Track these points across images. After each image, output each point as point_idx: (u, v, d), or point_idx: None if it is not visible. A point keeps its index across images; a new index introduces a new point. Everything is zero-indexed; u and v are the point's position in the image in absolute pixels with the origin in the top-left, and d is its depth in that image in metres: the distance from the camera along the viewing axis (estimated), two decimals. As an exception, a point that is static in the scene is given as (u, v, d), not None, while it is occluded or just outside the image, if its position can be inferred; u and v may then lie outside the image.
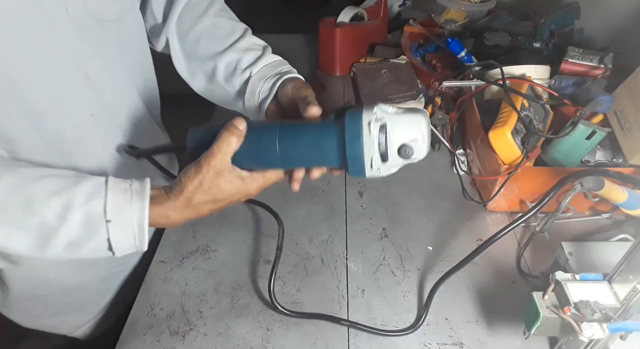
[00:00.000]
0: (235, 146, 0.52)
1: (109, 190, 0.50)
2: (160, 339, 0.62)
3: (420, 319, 0.64)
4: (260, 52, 0.69)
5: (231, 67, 0.68)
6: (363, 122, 0.48)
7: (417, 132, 0.48)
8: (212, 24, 0.71)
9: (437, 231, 0.77)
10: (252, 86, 0.67)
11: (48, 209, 0.47)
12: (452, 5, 1.19)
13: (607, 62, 0.86)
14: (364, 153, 0.48)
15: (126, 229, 0.50)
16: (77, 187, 0.49)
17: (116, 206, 0.49)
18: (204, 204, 0.53)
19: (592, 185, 0.58)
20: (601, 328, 0.46)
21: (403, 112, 0.49)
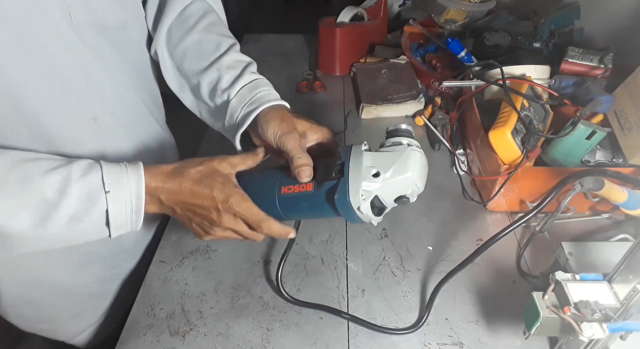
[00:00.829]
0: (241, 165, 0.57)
1: (104, 165, 0.52)
2: (160, 339, 0.62)
3: (422, 319, 0.64)
4: (239, 71, 0.66)
5: (212, 86, 0.66)
6: (354, 208, 0.50)
7: (409, 187, 0.51)
8: (198, 39, 0.68)
9: (437, 231, 0.77)
10: (231, 111, 0.64)
11: (47, 185, 0.48)
12: (452, 5, 1.19)
13: (607, 62, 0.86)
14: (363, 221, 0.53)
15: (124, 199, 0.51)
16: (72, 165, 0.50)
17: (113, 177, 0.51)
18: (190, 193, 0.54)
19: (592, 185, 0.58)
20: (601, 328, 0.46)
21: (392, 173, 0.50)
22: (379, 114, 1.03)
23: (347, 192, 0.50)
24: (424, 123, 0.98)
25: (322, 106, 1.09)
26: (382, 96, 1.05)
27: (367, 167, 0.51)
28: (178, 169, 0.54)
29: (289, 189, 0.55)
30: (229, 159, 0.57)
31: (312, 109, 1.07)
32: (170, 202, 0.54)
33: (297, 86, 1.13)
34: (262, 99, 0.63)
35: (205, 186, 0.53)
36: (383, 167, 0.50)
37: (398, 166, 0.50)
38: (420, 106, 1.03)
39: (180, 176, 0.54)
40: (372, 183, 0.50)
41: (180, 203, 0.54)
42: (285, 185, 0.55)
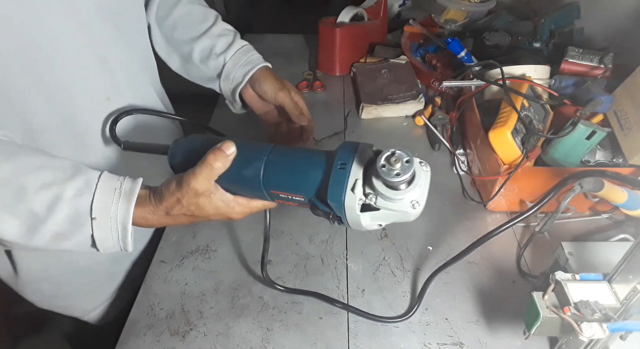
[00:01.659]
0: (218, 171, 0.50)
1: (99, 188, 0.50)
2: (160, 339, 0.62)
3: (413, 308, 0.65)
4: (232, 38, 0.77)
5: (206, 52, 0.76)
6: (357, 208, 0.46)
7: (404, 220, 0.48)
8: (186, 11, 0.78)
9: (437, 231, 0.77)
10: (227, 72, 0.75)
11: (39, 199, 0.48)
12: (452, 5, 1.19)
13: (607, 62, 0.86)
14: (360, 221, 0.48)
15: (109, 227, 0.50)
16: (69, 182, 0.50)
17: (102, 204, 0.50)
18: (182, 217, 0.53)
19: (592, 186, 0.58)
20: (601, 328, 0.46)
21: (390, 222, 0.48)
22: (379, 114, 1.03)
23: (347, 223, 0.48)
24: (424, 123, 0.98)
25: (322, 106, 1.09)
26: (382, 96, 1.05)
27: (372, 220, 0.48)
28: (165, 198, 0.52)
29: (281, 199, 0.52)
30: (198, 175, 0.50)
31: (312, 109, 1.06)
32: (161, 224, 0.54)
33: (297, 86, 1.13)
34: (255, 61, 0.75)
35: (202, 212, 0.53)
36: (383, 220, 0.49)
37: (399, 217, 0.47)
38: (420, 106, 1.03)
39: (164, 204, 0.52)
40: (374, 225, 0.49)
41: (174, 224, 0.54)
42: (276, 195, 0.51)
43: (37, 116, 0.59)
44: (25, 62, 0.54)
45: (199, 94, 0.82)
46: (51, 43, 0.55)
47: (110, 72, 0.64)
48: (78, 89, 0.60)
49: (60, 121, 0.61)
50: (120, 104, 0.67)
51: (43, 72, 0.56)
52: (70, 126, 0.62)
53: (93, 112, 0.64)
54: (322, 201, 0.48)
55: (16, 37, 0.52)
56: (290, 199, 0.51)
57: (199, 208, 0.52)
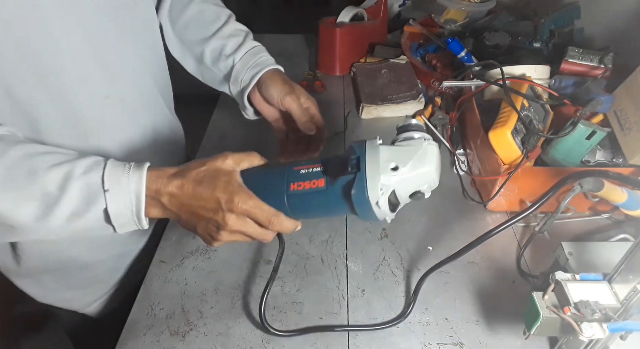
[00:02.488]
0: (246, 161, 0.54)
1: (109, 163, 0.51)
2: (160, 339, 0.62)
3: (408, 310, 0.65)
4: (242, 39, 0.75)
5: (216, 53, 0.75)
6: (372, 204, 0.49)
7: (426, 182, 0.50)
8: (198, 11, 0.77)
9: (437, 231, 0.77)
10: (236, 73, 0.73)
11: (50, 179, 0.49)
12: (452, 5, 1.19)
13: (607, 62, 0.86)
14: (377, 218, 0.51)
15: (123, 199, 0.50)
16: (78, 161, 0.51)
17: (114, 175, 0.50)
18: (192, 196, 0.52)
19: (592, 186, 0.58)
20: (601, 328, 0.46)
21: (411, 167, 0.49)
22: (379, 114, 1.03)
23: (365, 187, 0.48)
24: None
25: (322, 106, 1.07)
26: (382, 96, 1.05)
27: (385, 161, 0.49)
28: (181, 171, 0.53)
29: (299, 186, 0.52)
30: (232, 155, 0.54)
31: (312, 109, 1.07)
32: (173, 206, 0.52)
33: (297, 86, 1.13)
34: (265, 62, 0.73)
35: (208, 187, 0.51)
36: (401, 161, 0.49)
37: (416, 160, 0.49)
38: (420, 106, 1.03)
39: (181, 178, 0.52)
40: (391, 177, 0.49)
41: (183, 207, 0.52)
42: (295, 181, 0.52)
43: (43, 116, 0.59)
44: (29, 62, 0.54)
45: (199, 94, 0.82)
46: (52, 43, 0.55)
47: (109, 71, 0.63)
48: (79, 88, 0.60)
49: (64, 120, 0.61)
50: (119, 103, 0.66)
51: (46, 72, 0.56)
52: (73, 125, 0.62)
53: (94, 111, 0.63)
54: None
55: (19, 38, 0.52)
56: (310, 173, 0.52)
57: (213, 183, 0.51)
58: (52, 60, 0.56)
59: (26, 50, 0.53)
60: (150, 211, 0.53)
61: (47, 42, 0.54)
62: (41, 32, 0.53)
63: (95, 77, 0.62)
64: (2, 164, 0.48)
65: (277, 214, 0.53)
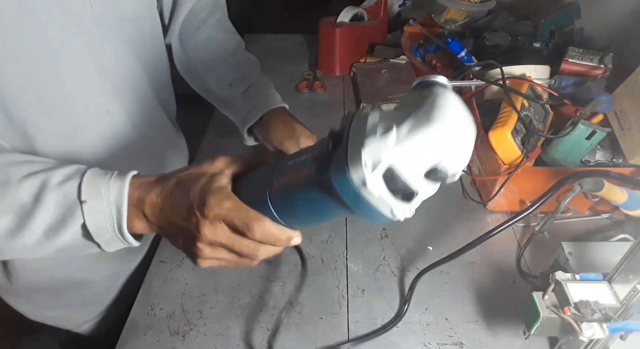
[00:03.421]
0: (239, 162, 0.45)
1: (88, 171, 0.45)
2: (160, 339, 0.62)
3: (404, 308, 0.65)
4: (247, 71, 0.77)
5: (222, 80, 0.76)
6: (357, 187, 0.33)
7: (441, 148, 0.33)
8: (208, 35, 0.78)
9: (437, 231, 0.77)
10: (239, 106, 0.75)
11: (24, 189, 0.44)
12: (452, 5, 1.19)
13: (607, 62, 0.86)
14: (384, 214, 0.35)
15: (102, 210, 0.43)
16: (56, 169, 0.45)
17: (92, 185, 0.44)
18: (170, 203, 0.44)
19: (592, 186, 0.58)
20: (601, 328, 0.46)
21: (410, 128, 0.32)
22: (379, 114, 1.03)
23: (345, 162, 0.32)
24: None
25: (322, 106, 1.09)
26: (382, 96, 1.05)
27: (372, 125, 0.33)
28: (164, 176, 0.46)
29: (282, 180, 0.40)
30: (225, 157, 0.46)
31: (312, 109, 1.07)
32: (154, 217, 0.44)
33: (297, 86, 1.13)
34: (269, 101, 0.73)
35: (183, 190, 0.43)
36: (398, 120, 0.32)
37: (422, 114, 0.32)
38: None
39: (162, 184, 0.44)
40: (380, 144, 0.32)
41: (163, 217, 0.44)
42: (279, 176, 0.40)
43: (38, 131, 0.56)
44: (26, 75, 0.52)
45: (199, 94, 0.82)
46: (51, 55, 0.53)
47: (111, 84, 0.62)
48: (78, 102, 0.58)
49: (60, 135, 0.58)
50: (121, 116, 0.64)
51: (43, 85, 0.54)
52: (71, 140, 0.60)
53: (92, 125, 0.61)
54: None
55: (16, 50, 0.50)
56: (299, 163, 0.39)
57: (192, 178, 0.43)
58: (51, 73, 0.54)
59: (23, 62, 0.51)
60: (135, 224, 0.45)
61: (45, 54, 0.52)
62: (40, 43, 0.51)
63: (96, 90, 0.60)
64: None
65: (258, 218, 0.41)
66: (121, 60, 0.63)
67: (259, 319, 0.65)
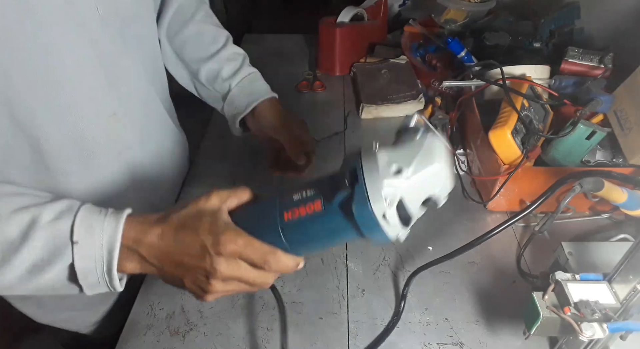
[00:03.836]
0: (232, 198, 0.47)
1: (82, 209, 0.44)
2: (160, 339, 0.62)
3: (399, 312, 0.65)
4: (240, 64, 0.78)
5: (213, 74, 0.77)
6: (378, 218, 0.40)
7: (438, 182, 0.42)
8: (197, 30, 0.78)
9: (437, 231, 0.77)
10: (231, 98, 0.77)
11: (12, 224, 0.42)
12: (452, 5, 1.18)
13: (607, 62, 0.86)
14: (389, 238, 0.42)
15: (93, 254, 0.43)
16: (48, 205, 0.44)
17: (86, 224, 0.43)
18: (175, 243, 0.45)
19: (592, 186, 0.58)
20: (601, 328, 0.46)
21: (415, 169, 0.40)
22: (379, 114, 1.03)
23: (366, 198, 0.40)
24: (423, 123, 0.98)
25: (322, 106, 1.09)
26: (382, 96, 1.05)
27: (385, 165, 0.41)
28: (162, 217, 0.46)
29: (293, 214, 0.44)
30: (217, 193, 0.47)
31: (312, 109, 1.07)
32: (153, 258, 0.45)
33: (297, 86, 1.13)
34: (260, 91, 0.76)
35: (190, 231, 0.44)
36: (404, 162, 0.41)
37: (422, 157, 0.41)
38: (420, 106, 1.03)
39: (162, 224, 0.45)
40: (395, 182, 0.40)
41: (166, 257, 0.45)
42: (288, 209, 0.44)
43: (46, 136, 0.56)
44: (34, 80, 0.51)
45: (198, 95, 0.83)
46: (58, 59, 0.52)
47: (117, 87, 0.61)
48: (85, 106, 0.58)
49: (68, 140, 0.58)
50: (127, 119, 0.65)
51: (51, 90, 0.53)
52: (77, 144, 0.60)
53: (99, 128, 0.61)
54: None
55: (24, 55, 0.49)
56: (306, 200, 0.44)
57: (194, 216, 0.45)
58: (58, 77, 0.53)
59: (30, 67, 0.50)
60: (127, 265, 0.45)
61: (52, 58, 0.52)
62: (46, 47, 0.51)
63: (102, 93, 0.60)
64: None
65: (273, 251, 0.44)
66: (125, 63, 0.62)
67: (259, 319, 0.65)
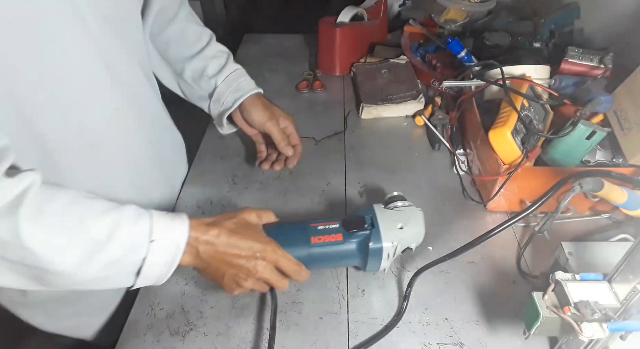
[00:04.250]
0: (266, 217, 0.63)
1: (155, 214, 0.53)
2: (160, 339, 0.62)
3: (403, 307, 0.65)
4: (224, 61, 0.79)
5: (198, 72, 0.78)
6: (384, 254, 0.63)
7: (417, 239, 0.66)
8: (180, 29, 0.78)
9: (437, 231, 0.76)
10: (217, 95, 0.78)
11: (100, 226, 0.49)
12: (452, 5, 1.19)
13: (607, 62, 0.86)
14: (378, 269, 0.67)
15: (165, 249, 0.52)
16: (123, 209, 0.51)
17: (162, 226, 0.52)
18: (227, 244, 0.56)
19: (592, 186, 0.58)
20: (601, 328, 0.46)
21: (409, 228, 0.64)
22: (379, 114, 1.03)
23: (381, 240, 0.62)
24: (424, 123, 0.98)
25: (322, 105, 1.09)
26: (382, 96, 1.05)
27: (394, 221, 0.64)
28: (216, 221, 0.57)
29: (319, 239, 0.62)
30: (254, 210, 0.62)
31: (312, 109, 1.07)
32: (206, 255, 0.56)
33: (297, 86, 1.13)
34: (246, 87, 0.78)
35: (243, 236, 0.57)
36: (404, 223, 0.64)
37: (413, 222, 0.65)
38: (420, 106, 1.03)
39: (218, 227, 0.56)
40: (399, 234, 0.63)
41: (217, 256, 0.56)
42: (315, 235, 0.63)
43: (52, 132, 0.57)
44: (39, 75, 0.52)
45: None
46: (62, 54, 0.53)
47: (118, 83, 0.62)
48: (88, 100, 0.59)
49: (72, 135, 0.59)
50: (130, 114, 0.66)
51: (55, 85, 0.54)
52: (81, 139, 0.61)
53: (103, 123, 0.62)
54: None
55: (29, 50, 0.50)
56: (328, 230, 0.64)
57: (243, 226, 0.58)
58: (62, 73, 0.54)
59: (36, 61, 0.51)
60: (185, 257, 0.55)
61: (57, 54, 0.53)
62: (52, 41, 0.52)
63: (105, 88, 0.61)
64: (53, 210, 0.47)
65: (300, 265, 0.60)
66: (126, 59, 0.64)
67: (259, 319, 0.65)
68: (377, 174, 0.88)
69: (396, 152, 0.94)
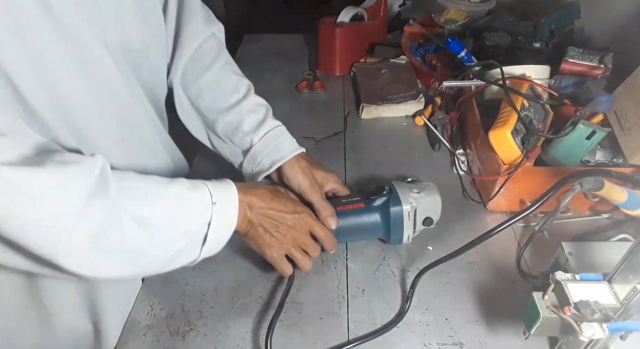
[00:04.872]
0: None
1: (205, 180, 0.57)
2: (160, 339, 0.62)
3: (406, 306, 0.65)
4: (262, 117, 0.72)
5: (232, 127, 0.71)
6: (404, 213, 0.68)
7: (435, 208, 0.71)
8: (216, 79, 0.73)
9: (437, 231, 0.76)
10: (254, 154, 0.71)
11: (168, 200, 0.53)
12: (452, 5, 1.19)
13: (607, 62, 0.86)
14: (404, 234, 0.70)
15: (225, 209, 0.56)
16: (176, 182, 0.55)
17: (218, 189, 0.56)
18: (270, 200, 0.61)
19: (592, 186, 0.58)
20: (601, 328, 0.46)
21: (425, 193, 0.70)
22: (379, 114, 1.03)
23: (399, 200, 0.68)
24: (424, 123, 0.98)
25: (322, 105, 1.09)
26: (382, 96, 1.05)
27: (409, 187, 0.70)
28: (252, 185, 0.62)
29: (343, 207, 0.69)
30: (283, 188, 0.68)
31: (312, 109, 1.08)
32: (253, 213, 0.59)
33: (297, 86, 1.13)
34: (286, 149, 0.71)
35: (284, 197, 0.63)
36: (419, 189, 0.70)
37: (429, 190, 0.71)
38: (420, 106, 1.03)
39: (260, 188, 0.61)
40: (415, 195, 0.69)
41: (261, 212, 0.60)
42: (339, 205, 0.69)
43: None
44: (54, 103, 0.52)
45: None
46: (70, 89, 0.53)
47: (124, 114, 0.62)
48: (93, 132, 0.58)
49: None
50: (135, 143, 0.65)
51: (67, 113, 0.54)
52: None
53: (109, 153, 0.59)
54: None
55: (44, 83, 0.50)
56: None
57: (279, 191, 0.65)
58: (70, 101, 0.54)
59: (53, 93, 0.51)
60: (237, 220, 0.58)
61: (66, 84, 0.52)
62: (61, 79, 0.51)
63: (112, 119, 0.60)
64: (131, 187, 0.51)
65: (328, 231, 0.66)
66: (133, 91, 0.63)
67: (259, 319, 0.65)
68: (377, 174, 0.88)
69: (396, 152, 0.94)
